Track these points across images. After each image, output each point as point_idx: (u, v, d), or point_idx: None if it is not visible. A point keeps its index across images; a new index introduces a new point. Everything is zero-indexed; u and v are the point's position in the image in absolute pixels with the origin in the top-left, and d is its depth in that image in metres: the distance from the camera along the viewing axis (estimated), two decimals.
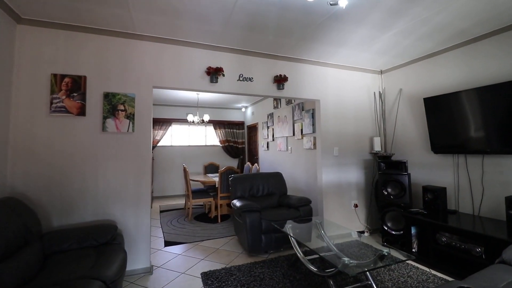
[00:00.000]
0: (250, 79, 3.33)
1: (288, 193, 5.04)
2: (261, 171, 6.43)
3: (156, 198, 6.89)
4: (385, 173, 3.49)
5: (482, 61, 2.92)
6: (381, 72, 4.17)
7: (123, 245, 2.39)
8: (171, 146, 7.29)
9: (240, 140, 7.95)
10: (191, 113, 6.12)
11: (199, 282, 2.54)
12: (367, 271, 1.92)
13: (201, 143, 7.70)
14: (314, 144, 4.31)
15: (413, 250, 3.03)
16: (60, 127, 2.55)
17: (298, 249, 2.62)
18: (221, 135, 7.74)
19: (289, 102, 5.21)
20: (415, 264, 2.91)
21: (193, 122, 6.05)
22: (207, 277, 2.61)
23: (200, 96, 6.15)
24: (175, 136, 7.40)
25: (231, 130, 7.87)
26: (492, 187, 2.83)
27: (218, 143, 7.81)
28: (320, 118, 3.77)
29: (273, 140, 5.98)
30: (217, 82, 3.11)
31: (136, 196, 2.76)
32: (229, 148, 7.82)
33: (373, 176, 4.03)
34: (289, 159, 5.24)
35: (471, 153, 2.94)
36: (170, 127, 7.24)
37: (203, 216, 5.00)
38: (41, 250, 2.05)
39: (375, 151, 3.92)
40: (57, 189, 2.51)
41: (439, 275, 2.64)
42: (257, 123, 7.06)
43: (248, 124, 7.85)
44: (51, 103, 2.52)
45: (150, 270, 2.76)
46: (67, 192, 2.54)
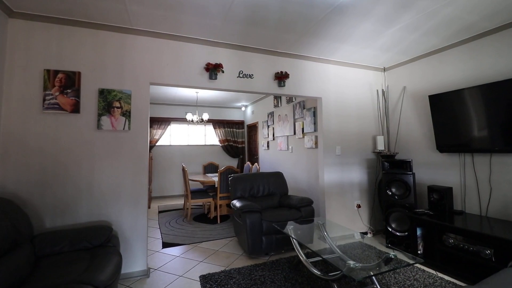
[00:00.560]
0: (250, 76, 3.23)
1: (289, 193, 4.94)
2: (261, 171, 6.34)
3: (155, 198, 6.79)
4: (389, 172, 3.40)
5: (489, 57, 2.83)
6: (384, 69, 4.08)
7: (118, 247, 2.29)
8: (170, 145, 7.19)
9: (240, 140, 7.86)
10: (190, 112, 6.03)
11: (197, 286, 2.44)
12: (373, 275, 1.83)
13: (201, 142, 7.61)
14: (316, 143, 4.22)
15: (418, 252, 2.94)
16: (53, 124, 2.45)
17: (300, 251, 2.52)
18: (220, 134, 7.64)
19: (289, 100, 5.11)
20: (421, 266, 2.82)
21: (192, 121, 5.96)
22: (205, 280, 2.51)
23: (199, 94, 6.05)
24: (174, 136, 7.31)
25: (231, 130, 7.78)
26: (500, 187, 2.74)
27: (217, 142, 7.72)
28: (322, 116, 3.68)
29: (273, 139, 5.89)
30: (216, 79, 3.02)
31: (133, 196, 2.67)
32: (229, 148, 7.73)
33: (376, 175, 3.94)
34: (290, 158, 5.14)
35: (478, 151, 2.85)
36: (169, 126, 7.14)
37: (202, 217, 4.90)
38: (32, 253, 1.96)
39: (378, 150, 3.83)
40: (50, 189, 2.42)
41: (447, 278, 2.55)
42: (257, 122, 6.97)
43: (248, 123, 7.76)
44: (44, 99, 2.43)
45: (147, 273, 2.67)
46: (60, 192, 2.45)
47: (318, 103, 3.75)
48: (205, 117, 5.82)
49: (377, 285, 2.19)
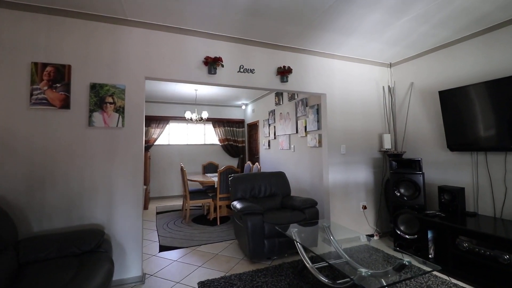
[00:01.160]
0: (252, 71, 3.07)
1: (291, 194, 4.78)
2: (262, 170, 6.18)
3: (153, 199, 6.63)
4: (397, 172, 3.24)
5: (503, 50, 2.67)
6: (390, 65, 3.92)
7: (110, 253, 2.13)
8: (168, 145, 7.03)
9: (240, 139, 7.70)
10: (189, 110, 5.87)
11: None
12: (387, 286, 1.67)
13: (200, 141, 7.44)
14: (319, 142, 4.06)
15: (429, 256, 2.78)
16: (41, 121, 2.29)
17: (305, 256, 2.36)
18: (220, 133, 7.48)
19: (291, 98, 4.95)
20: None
21: (191, 119, 5.80)
22: (204, 287, 2.35)
23: (199, 92, 5.90)
24: (172, 135, 7.14)
25: (231, 129, 7.62)
26: None
27: (217, 141, 7.55)
28: (326, 113, 3.52)
29: (274, 138, 5.73)
30: (215, 73, 2.86)
31: (127, 197, 2.50)
32: (229, 147, 7.57)
33: (382, 175, 3.78)
34: (292, 158, 4.98)
35: (492, 150, 2.69)
36: (167, 125, 6.98)
37: (201, 218, 4.74)
38: (14, 260, 1.80)
39: (385, 149, 3.67)
40: (37, 190, 2.26)
41: (461, 284, 2.39)
42: (257, 121, 6.81)
43: (248, 122, 7.60)
44: (31, 94, 2.26)
45: (142, 279, 2.51)
46: (49, 193, 2.28)
47: (322, 100, 3.59)
48: (205, 115, 5.66)
49: None
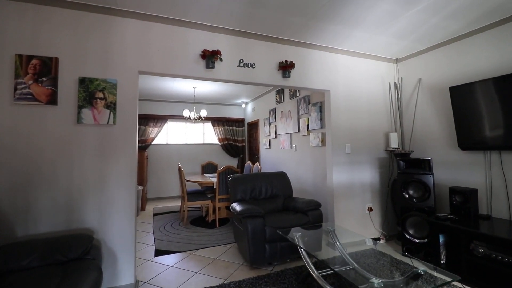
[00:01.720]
0: (252, 65, 2.91)
1: (294, 195, 4.61)
2: (262, 170, 6.02)
3: (151, 200, 6.47)
4: (405, 172, 3.08)
5: None
6: (396, 60, 3.76)
7: (98, 260, 1.97)
8: (166, 144, 6.87)
9: (240, 138, 7.53)
10: (187, 109, 5.71)
11: None
12: None
13: (199, 141, 7.28)
14: (323, 141, 3.89)
15: (441, 261, 2.62)
16: (25, 118, 2.13)
17: (310, 264, 2.19)
18: (219, 132, 7.32)
19: (293, 95, 4.79)
20: (445, 277, 2.50)
21: (189, 118, 5.63)
22: None
23: (197, 90, 5.73)
24: (171, 134, 6.98)
25: (231, 128, 7.46)
26: None
27: (216, 141, 7.39)
28: (330, 111, 3.36)
29: (275, 137, 5.56)
30: (213, 67, 2.70)
31: (119, 200, 2.34)
32: (229, 147, 7.41)
33: (389, 176, 3.62)
34: (294, 157, 4.82)
35: (507, 149, 2.53)
36: (165, 124, 6.82)
37: (200, 220, 4.58)
38: None
39: (391, 148, 3.50)
40: (22, 192, 2.09)
41: None
42: (258, 120, 6.64)
43: (248, 121, 7.43)
44: (15, 89, 2.10)
45: (135, 287, 2.35)
46: (33, 196, 2.12)
47: (326, 96, 3.43)
48: (203, 113, 5.50)
49: None
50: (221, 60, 2.74)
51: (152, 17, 2.51)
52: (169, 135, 6.95)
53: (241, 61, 2.86)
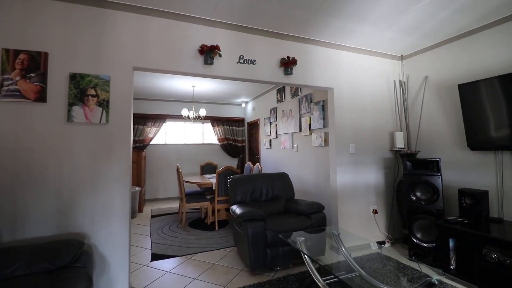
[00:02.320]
0: (253, 62, 2.79)
1: (295, 196, 4.49)
2: (263, 171, 5.89)
3: (148, 201, 6.34)
4: (412, 173, 2.96)
5: None
6: (401, 57, 3.64)
7: (89, 268, 1.85)
8: (165, 144, 6.74)
9: (240, 138, 7.41)
10: (186, 108, 5.59)
11: None
12: None
13: (198, 141, 7.15)
14: (325, 141, 3.77)
15: (451, 267, 2.50)
16: (12, 115, 2.00)
17: (314, 270, 2.07)
18: (219, 132, 7.19)
19: (294, 94, 4.67)
20: (455, 285, 2.38)
21: (188, 117, 5.51)
22: None
23: (196, 89, 5.61)
24: (169, 134, 6.85)
25: (230, 127, 7.33)
26: None
27: (216, 141, 7.27)
28: (333, 110, 3.24)
29: (276, 137, 5.44)
30: (212, 64, 2.58)
31: (112, 203, 2.22)
32: (228, 147, 7.28)
33: (394, 177, 3.49)
34: (295, 158, 4.70)
35: None
36: (164, 124, 6.69)
37: (198, 222, 4.46)
38: None
39: (397, 148, 3.38)
40: (8, 194, 1.97)
41: None
42: (258, 119, 6.52)
43: (248, 121, 7.31)
44: (1, 85, 1.98)
45: None
46: (21, 198, 1.99)
47: (329, 94, 3.31)
48: (202, 113, 5.38)
49: None
50: (220, 56, 2.61)
51: (148, 10, 2.39)
52: (167, 135, 6.83)
53: (241, 57, 2.74)
